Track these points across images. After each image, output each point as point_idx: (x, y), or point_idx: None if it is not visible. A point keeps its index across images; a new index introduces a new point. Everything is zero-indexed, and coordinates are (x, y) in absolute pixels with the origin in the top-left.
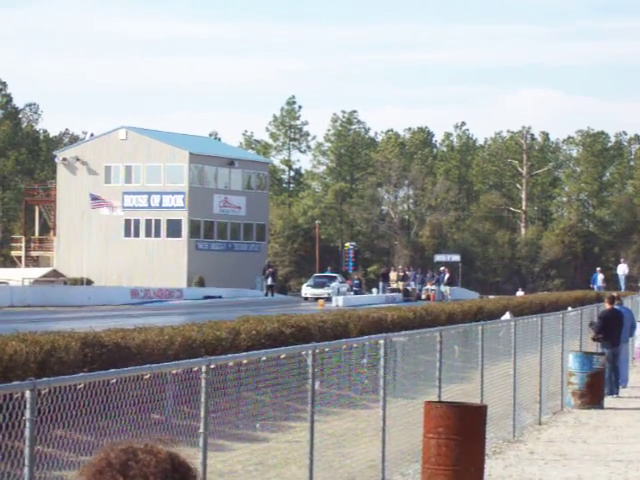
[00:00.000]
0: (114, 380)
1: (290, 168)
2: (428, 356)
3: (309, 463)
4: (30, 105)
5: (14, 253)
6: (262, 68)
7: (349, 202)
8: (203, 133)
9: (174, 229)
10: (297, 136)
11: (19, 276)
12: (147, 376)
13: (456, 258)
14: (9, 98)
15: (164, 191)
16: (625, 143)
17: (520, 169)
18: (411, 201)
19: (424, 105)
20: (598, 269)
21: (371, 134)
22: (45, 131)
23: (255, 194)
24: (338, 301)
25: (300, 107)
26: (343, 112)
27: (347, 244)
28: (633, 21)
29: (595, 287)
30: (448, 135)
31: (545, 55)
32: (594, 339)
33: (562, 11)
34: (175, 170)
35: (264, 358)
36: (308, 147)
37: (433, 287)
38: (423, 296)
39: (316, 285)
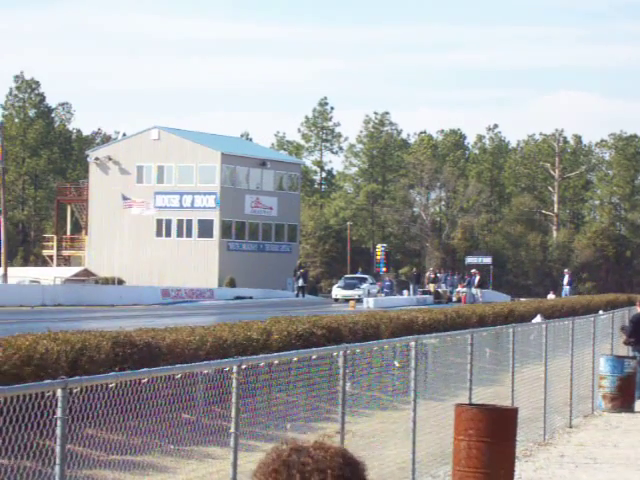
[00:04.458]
0: (145, 380)
1: (322, 169)
2: (459, 358)
3: None
4: (63, 104)
5: (46, 252)
6: (294, 69)
7: (381, 204)
8: (235, 134)
9: (206, 229)
10: (329, 137)
11: (51, 275)
12: (178, 376)
13: (487, 260)
14: (42, 97)
15: (196, 191)
16: None
17: (552, 172)
18: (443, 203)
19: (456, 107)
20: (566, 270)
21: (403, 136)
22: (78, 130)
23: (287, 195)
24: (369, 302)
25: (332, 108)
26: (375, 113)
27: (378, 246)
28: None
29: (563, 293)
30: (480, 137)
31: (579, 58)
32: (625, 343)
33: (597, 13)
34: (207, 170)
35: (295, 359)
36: (340, 148)
37: (464, 289)
38: (454, 298)
39: (347, 286)
